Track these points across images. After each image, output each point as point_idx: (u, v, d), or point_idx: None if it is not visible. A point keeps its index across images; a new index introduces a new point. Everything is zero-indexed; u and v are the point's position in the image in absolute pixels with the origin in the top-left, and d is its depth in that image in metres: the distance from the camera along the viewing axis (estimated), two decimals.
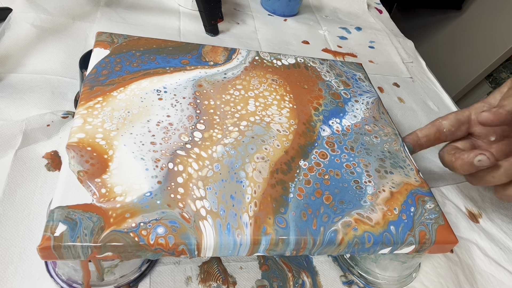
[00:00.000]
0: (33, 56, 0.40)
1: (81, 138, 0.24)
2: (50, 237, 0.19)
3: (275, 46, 0.55)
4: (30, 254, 0.26)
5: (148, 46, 0.33)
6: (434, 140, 0.35)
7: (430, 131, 0.35)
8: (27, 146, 0.32)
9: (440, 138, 0.35)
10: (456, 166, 0.32)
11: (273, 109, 0.31)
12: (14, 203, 0.28)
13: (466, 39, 1.19)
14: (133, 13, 0.52)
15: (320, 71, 0.37)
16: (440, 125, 0.35)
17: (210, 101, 0.30)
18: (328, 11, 0.69)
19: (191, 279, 0.28)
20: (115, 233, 0.20)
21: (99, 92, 0.27)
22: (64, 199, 0.21)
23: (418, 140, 0.35)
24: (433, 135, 0.35)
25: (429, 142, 0.35)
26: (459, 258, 0.35)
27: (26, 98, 0.35)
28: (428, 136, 0.35)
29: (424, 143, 0.35)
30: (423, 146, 0.36)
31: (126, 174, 0.23)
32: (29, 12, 0.45)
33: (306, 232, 0.23)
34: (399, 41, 0.67)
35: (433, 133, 0.35)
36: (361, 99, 0.36)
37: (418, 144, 0.35)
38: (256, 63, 0.35)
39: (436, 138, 0.35)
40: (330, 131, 0.31)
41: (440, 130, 0.35)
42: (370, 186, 0.27)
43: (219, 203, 0.23)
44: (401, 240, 0.25)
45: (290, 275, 0.30)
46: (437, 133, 0.35)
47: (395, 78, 0.58)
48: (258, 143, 0.28)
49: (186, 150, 0.26)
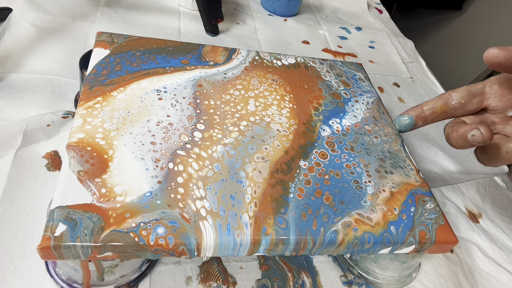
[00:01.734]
0: (33, 56, 0.40)
1: (81, 138, 0.24)
2: (50, 237, 0.19)
3: (275, 46, 0.55)
4: (30, 254, 0.26)
5: (148, 46, 0.33)
6: (441, 113, 0.32)
7: (436, 103, 0.32)
8: (27, 146, 0.32)
9: (448, 112, 0.32)
10: (451, 139, 0.30)
11: (273, 109, 0.31)
12: (14, 203, 0.28)
13: (466, 39, 1.19)
14: (133, 13, 0.52)
15: (320, 71, 0.37)
16: (448, 97, 0.32)
17: (210, 101, 0.30)
18: (328, 11, 0.69)
19: (191, 279, 0.28)
20: (115, 233, 0.20)
21: (98, 92, 0.27)
22: (64, 199, 0.21)
23: (422, 112, 0.32)
24: (439, 108, 0.32)
25: (434, 115, 0.32)
26: (459, 258, 0.35)
27: (26, 98, 0.35)
28: (434, 109, 0.32)
29: (428, 116, 0.32)
30: (427, 120, 0.32)
31: (126, 174, 0.23)
32: (29, 12, 0.45)
33: (306, 232, 0.23)
34: (399, 41, 0.67)
35: (439, 106, 0.32)
36: (361, 99, 0.36)
37: (422, 117, 0.32)
38: (256, 63, 0.35)
39: (443, 111, 0.32)
40: (330, 131, 0.31)
41: (448, 103, 0.32)
42: (370, 186, 0.27)
43: (219, 203, 0.23)
44: (401, 240, 0.25)
45: (290, 275, 0.30)
46: (444, 106, 0.32)
47: (395, 78, 0.58)
48: (258, 143, 0.28)
49: (186, 150, 0.26)
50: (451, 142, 0.30)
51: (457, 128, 0.29)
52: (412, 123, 0.33)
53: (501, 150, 0.28)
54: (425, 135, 0.48)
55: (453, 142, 0.30)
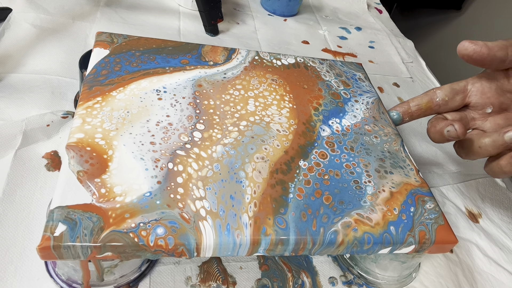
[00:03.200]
0: (33, 56, 0.40)
1: (80, 138, 0.24)
2: (50, 237, 0.19)
3: (275, 46, 0.55)
4: (30, 254, 0.26)
5: (148, 46, 0.33)
6: (426, 109, 0.34)
7: (422, 100, 0.34)
8: (27, 146, 0.32)
9: (432, 108, 0.34)
10: (430, 133, 0.32)
11: (272, 109, 0.31)
12: (14, 203, 0.28)
13: (466, 39, 1.19)
14: (133, 13, 0.52)
15: (320, 71, 0.37)
16: (433, 94, 0.34)
17: (210, 101, 0.30)
18: (328, 11, 0.69)
19: (191, 279, 0.28)
20: (115, 233, 0.20)
21: (98, 92, 0.27)
22: (64, 199, 0.21)
23: (409, 108, 0.34)
24: (424, 104, 0.34)
25: (420, 111, 0.34)
26: (459, 258, 0.35)
27: (26, 98, 0.35)
28: (419, 106, 0.34)
29: (414, 112, 0.34)
30: (413, 116, 0.35)
31: (126, 174, 0.23)
32: (29, 12, 0.45)
33: (306, 233, 0.23)
34: (399, 41, 0.67)
35: (425, 102, 0.34)
36: (361, 99, 0.36)
37: (408, 113, 0.34)
38: (255, 63, 0.35)
39: (428, 108, 0.34)
40: (330, 131, 0.31)
41: (432, 99, 0.34)
42: (370, 186, 0.27)
43: (219, 204, 0.23)
44: (401, 240, 0.25)
45: (290, 275, 0.30)
46: (429, 103, 0.34)
47: (395, 78, 0.58)
48: (258, 143, 0.28)
49: (185, 150, 0.26)
50: (430, 137, 0.32)
51: (435, 124, 0.32)
52: (399, 119, 0.35)
53: (474, 145, 0.30)
54: (425, 135, 0.48)
55: (431, 137, 0.32)
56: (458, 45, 0.30)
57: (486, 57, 0.29)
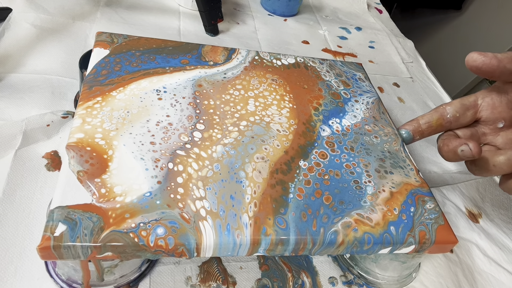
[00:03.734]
0: (33, 56, 0.40)
1: (80, 138, 0.24)
2: (50, 237, 0.19)
3: (275, 46, 0.55)
4: (30, 254, 0.26)
5: (148, 46, 0.33)
6: (437, 127, 0.33)
7: (432, 117, 0.33)
8: (27, 146, 0.32)
9: (443, 125, 0.33)
10: (443, 152, 0.30)
11: (273, 109, 0.31)
12: (14, 203, 0.28)
13: (466, 39, 1.19)
14: (133, 13, 0.52)
15: (320, 71, 0.37)
16: (443, 111, 0.33)
17: (210, 101, 0.30)
18: (328, 11, 0.69)
19: (191, 279, 0.28)
20: (115, 233, 0.20)
21: (98, 92, 0.27)
22: (64, 199, 0.21)
23: (419, 126, 0.33)
24: (435, 122, 0.33)
25: (430, 129, 0.33)
26: (459, 258, 0.35)
27: (26, 98, 0.35)
28: (429, 123, 0.33)
29: (425, 130, 0.33)
30: (424, 134, 0.33)
31: (126, 174, 0.23)
32: (29, 12, 0.45)
33: (306, 233, 0.23)
34: (399, 41, 0.67)
35: (435, 119, 0.33)
36: (361, 99, 0.36)
37: (419, 131, 0.33)
38: (255, 63, 0.35)
39: (439, 125, 0.33)
40: (330, 131, 0.31)
41: (443, 116, 0.32)
42: (370, 186, 0.27)
43: (219, 204, 0.23)
44: (401, 240, 0.25)
45: (290, 275, 0.30)
46: (440, 119, 0.32)
47: (395, 78, 0.58)
48: (258, 143, 0.28)
49: (186, 150, 0.26)
50: (443, 155, 0.31)
51: (448, 142, 0.30)
52: (409, 138, 0.33)
53: (489, 163, 0.29)
54: None
55: (444, 155, 0.31)
56: (467, 57, 0.28)
57: (495, 69, 0.28)
